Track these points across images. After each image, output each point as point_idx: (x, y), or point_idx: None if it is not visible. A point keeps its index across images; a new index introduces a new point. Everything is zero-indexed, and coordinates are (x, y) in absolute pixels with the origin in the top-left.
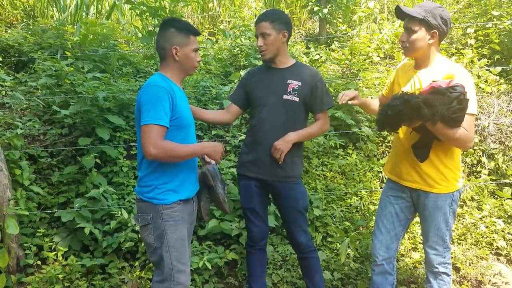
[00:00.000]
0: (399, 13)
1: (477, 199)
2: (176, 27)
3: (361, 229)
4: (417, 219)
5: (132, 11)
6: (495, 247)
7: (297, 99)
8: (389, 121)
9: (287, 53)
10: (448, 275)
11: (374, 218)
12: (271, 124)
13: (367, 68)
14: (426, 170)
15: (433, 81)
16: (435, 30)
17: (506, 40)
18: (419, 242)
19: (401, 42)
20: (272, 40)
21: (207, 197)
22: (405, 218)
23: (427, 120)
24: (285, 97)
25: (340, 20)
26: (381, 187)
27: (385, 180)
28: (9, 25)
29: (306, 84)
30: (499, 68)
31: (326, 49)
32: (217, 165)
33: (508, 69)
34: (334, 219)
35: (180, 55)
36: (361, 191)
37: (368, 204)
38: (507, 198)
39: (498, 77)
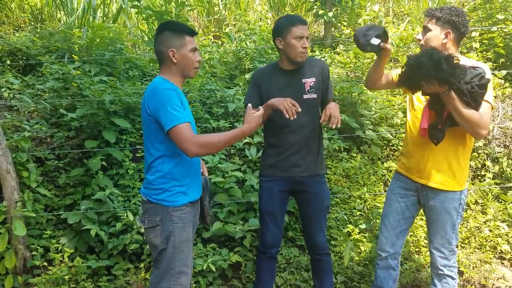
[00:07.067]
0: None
1: (481, 203)
2: (170, 29)
3: (365, 233)
4: (419, 220)
5: (139, 15)
6: (499, 251)
7: (315, 95)
8: (409, 74)
9: None
10: (453, 278)
11: (378, 221)
12: (296, 125)
13: None
14: (438, 165)
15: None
16: (449, 30)
17: (511, 44)
18: (423, 246)
19: (417, 41)
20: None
21: (209, 204)
22: (411, 215)
23: (444, 81)
24: (305, 96)
25: (345, 24)
26: (385, 191)
27: (388, 184)
28: (17, 28)
29: (319, 78)
30: (504, 72)
31: (331, 52)
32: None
33: None
34: (338, 222)
35: (178, 57)
36: (365, 195)
37: (372, 207)
38: (511, 202)
39: (503, 81)
